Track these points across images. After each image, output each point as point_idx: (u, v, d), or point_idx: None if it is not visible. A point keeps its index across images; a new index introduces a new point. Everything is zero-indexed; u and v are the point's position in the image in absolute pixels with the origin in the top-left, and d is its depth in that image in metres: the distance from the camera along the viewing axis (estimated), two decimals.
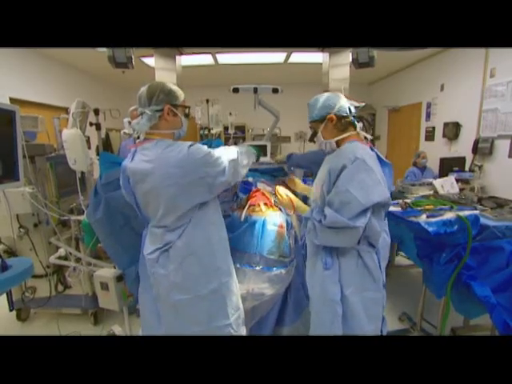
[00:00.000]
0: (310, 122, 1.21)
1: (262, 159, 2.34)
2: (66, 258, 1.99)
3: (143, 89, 1.11)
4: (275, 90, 2.31)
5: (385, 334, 1.26)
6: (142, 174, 1.06)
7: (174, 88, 1.12)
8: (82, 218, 1.86)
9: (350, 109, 1.15)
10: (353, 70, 2.09)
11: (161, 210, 1.08)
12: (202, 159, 1.04)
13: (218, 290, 1.15)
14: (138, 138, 1.19)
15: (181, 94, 1.14)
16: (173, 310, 1.17)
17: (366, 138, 1.19)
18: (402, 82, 5.50)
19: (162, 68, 2.05)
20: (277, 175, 2.11)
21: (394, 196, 2.31)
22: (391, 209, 1.93)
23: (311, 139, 1.24)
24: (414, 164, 3.78)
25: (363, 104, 1.19)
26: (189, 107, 1.19)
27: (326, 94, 1.18)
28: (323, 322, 1.15)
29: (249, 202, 1.44)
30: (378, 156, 1.16)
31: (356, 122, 1.17)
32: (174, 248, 1.12)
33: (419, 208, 1.84)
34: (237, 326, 1.20)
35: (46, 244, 2.01)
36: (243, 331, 1.25)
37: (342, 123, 1.15)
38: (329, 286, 1.12)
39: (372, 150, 1.16)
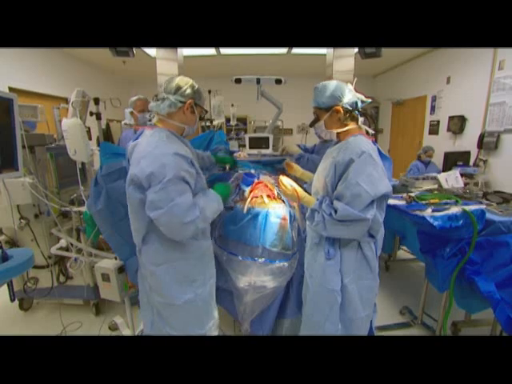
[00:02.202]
0: (314, 107, 1.19)
1: (264, 151, 2.32)
2: (67, 249, 1.99)
3: (173, 78, 1.15)
4: (278, 81, 2.27)
5: (375, 319, 1.36)
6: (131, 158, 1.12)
7: (201, 90, 1.18)
8: (83, 209, 1.85)
9: (356, 103, 1.15)
10: (357, 62, 2.06)
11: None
12: (147, 176, 1.01)
13: (193, 301, 1.18)
14: (150, 121, 1.23)
15: (205, 97, 1.21)
16: (155, 309, 1.22)
17: (367, 132, 1.20)
18: (406, 74, 5.42)
19: (164, 58, 2.03)
20: (281, 168, 2.09)
21: (397, 190, 2.29)
22: (395, 202, 1.91)
23: (312, 125, 1.23)
24: (418, 158, 3.75)
25: (369, 100, 1.18)
26: (206, 111, 1.25)
27: (335, 83, 1.15)
28: (322, 310, 1.20)
29: (251, 194, 1.43)
30: (378, 150, 1.18)
31: (359, 116, 1.18)
32: (146, 250, 1.15)
33: (424, 202, 1.83)
34: (210, 333, 1.26)
35: (47, 235, 2.01)
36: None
37: (347, 116, 1.15)
38: (331, 275, 1.17)
39: (374, 143, 1.18)
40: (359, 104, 1.16)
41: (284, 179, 1.26)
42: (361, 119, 1.19)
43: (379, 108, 6.47)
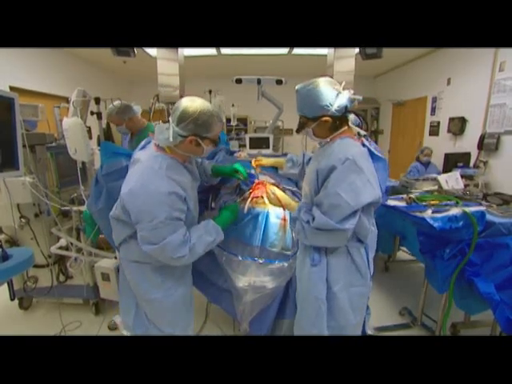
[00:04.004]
0: (299, 114, 1.11)
1: (265, 151, 2.33)
2: (67, 249, 1.99)
3: (181, 105, 1.05)
4: (279, 82, 2.28)
5: (368, 320, 1.32)
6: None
7: (210, 120, 1.06)
8: (83, 208, 1.85)
9: (346, 106, 1.04)
10: (358, 63, 2.06)
11: None
12: (138, 212, 1.03)
13: (161, 301, 1.20)
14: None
15: (214, 128, 1.08)
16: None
17: (359, 133, 1.13)
18: (407, 75, 5.42)
19: (165, 58, 2.02)
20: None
21: (397, 190, 2.30)
22: (395, 203, 1.91)
23: (298, 132, 1.15)
24: (418, 159, 3.75)
25: (360, 98, 1.08)
26: (217, 141, 1.15)
27: (321, 88, 1.01)
28: (308, 317, 1.17)
29: (252, 194, 1.43)
30: (370, 151, 1.13)
31: (348, 116, 1.09)
32: (124, 248, 1.21)
33: (424, 203, 1.83)
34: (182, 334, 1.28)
35: (47, 234, 2.01)
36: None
37: (337, 122, 1.06)
38: (315, 282, 1.13)
39: (363, 145, 1.13)
40: (349, 105, 1.05)
41: (270, 188, 1.26)
42: (351, 117, 1.10)
43: (380, 109, 6.48)
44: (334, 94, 1.03)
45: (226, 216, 1.29)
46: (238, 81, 2.20)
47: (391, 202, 1.94)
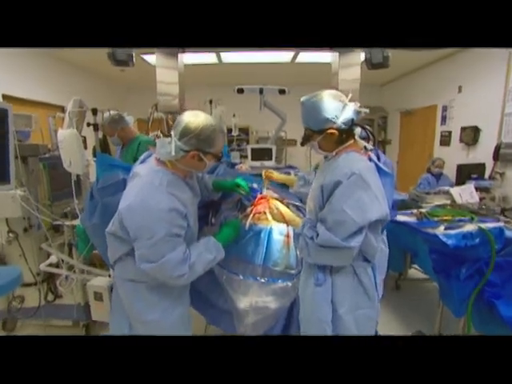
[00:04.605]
0: (304, 126, 1.14)
1: (267, 163, 2.34)
2: (57, 266, 1.97)
3: (184, 120, 1.08)
4: (282, 91, 2.32)
5: None
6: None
7: (213, 135, 1.08)
8: (76, 222, 1.85)
9: (353, 119, 1.07)
10: (364, 71, 2.09)
11: None
12: (137, 229, 1.04)
13: (158, 322, 1.18)
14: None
15: (217, 143, 1.11)
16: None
17: (365, 147, 1.14)
18: (416, 83, 5.50)
19: (164, 66, 2.07)
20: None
21: (406, 205, 2.29)
22: (405, 218, 1.90)
23: (303, 144, 1.18)
24: (428, 170, 3.75)
25: (367, 110, 1.09)
26: (220, 156, 1.17)
27: (327, 100, 1.04)
28: None
29: (254, 210, 1.43)
30: (377, 166, 1.14)
31: (354, 129, 1.10)
32: (119, 266, 1.21)
33: (436, 219, 1.82)
34: None
35: (37, 250, 2.00)
36: None
37: (343, 136, 1.08)
38: (319, 303, 1.12)
39: (370, 160, 1.14)
40: (356, 118, 1.07)
41: (273, 203, 1.26)
42: (357, 130, 1.12)
43: (387, 118, 6.54)
44: (339, 107, 1.05)
45: (227, 233, 1.29)
46: (240, 91, 2.25)
47: (400, 218, 1.93)
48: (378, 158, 1.27)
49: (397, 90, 6.24)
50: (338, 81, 2.11)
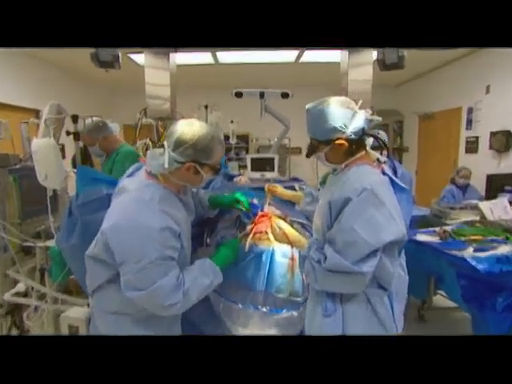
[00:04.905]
0: (309, 136, 1.17)
1: (269, 175, 2.38)
2: (25, 295, 1.95)
3: (178, 128, 1.11)
4: (285, 95, 2.37)
5: None
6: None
7: (211, 145, 1.11)
8: (51, 243, 1.86)
9: (363, 129, 1.09)
10: (376, 70, 2.13)
11: None
12: (123, 251, 1.05)
13: None
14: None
15: (215, 153, 1.14)
16: None
17: (378, 159, 1.16)
18: (436, 83, 5.57)
19: (154, 66, 2.09)
20: None
21: (428, 221, 2.30)
22: (426, 238, 1.92)
23: (308, 156, 1.21)
24: (453, 181, 3.77)
25: (380, 119, 1.13)
26: (218, 168, 1.21)
27: (334, 107, 1.07)
28: None
29: (254, 229, 1.45)
30: (391, 180, 1.16)
31: (365, 139, 1.13)
32: (99, 296, 1.21)
33: (463, 238, 1.82)
34: None
35: (2, 277, 1.98)
36: None
37: (353, 147, 1.10)
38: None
39: (384, 173, 1.16)
40: (367, 127, 1.09)
41: (275, 221, 1.28)
42: (369, 141, 1.14)
43: (403, 122, 6.61)
44: (349, 114, 1.07)
45: (225, 254, 1.30)
46: (238, 94, 2.30)
47: (421, 237, 1.94)
48: (395, 171, 1.30)
49: (414, 90, 6.33)
50: (348, 81, 2.13)
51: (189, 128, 1.11)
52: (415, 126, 6.23)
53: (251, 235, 1.42)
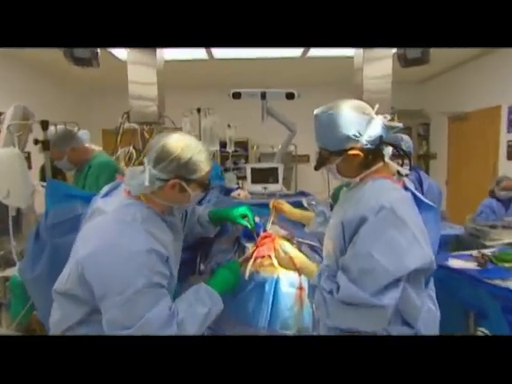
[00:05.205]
0: (318, 146, 1.18)
1: (273, 187, 2.38)
2: None
3: (158, 142, 1.13)
4: (290, 96, 2.40)
5: None
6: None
7: (197, 158, 1.13)
8: (11, 273, 1.85)
9: (381, 137, 1.09)
10: (396, 64, 2.14)
11: None
12: (104, 282, 1.03)
13: None
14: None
15: (203, 167, 1.16)
16: None
17: (398, 173, 1.16)
18: (469, 78, 5.60)
19: (138, 62, 2.12)
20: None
21: (463, 243, 2.27)
22: (461, 264, 1.89)
23: (317, 169, 1.22)
24: (492, 194, 3.76)
25: (400, 125, 1.13)
26: (207, 184, 1.23)
27: (346, 112, 1.08)
28: None
29: (255, 253, 1.44)
30: (415, 197, 1.15)
31: (384, 149, 1.12)
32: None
33: (507, 265, 1.80)
34: None
35: None
36: None
37: (369, 158, 1.10)
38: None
39: (406, 188, 1.15)
40: (385, 135, 1.09)
41: (279, 243, 1.28)
42: (388, 150, 1.13)
43: (430, 125, 6.67)
44: (364, 121, 1.08)
45: (224, 277, 1.29)
46: (236, 95, 2.33)
47: (455, 263, 1.91)
48: (420, 183, 1.29)
49: (442, 87, 6.37)
50: (363, 78, 2.14)
51: (170, 140, 1.12)
52: (444, 128, 6.26)
53: (252, 260, 1.42)
